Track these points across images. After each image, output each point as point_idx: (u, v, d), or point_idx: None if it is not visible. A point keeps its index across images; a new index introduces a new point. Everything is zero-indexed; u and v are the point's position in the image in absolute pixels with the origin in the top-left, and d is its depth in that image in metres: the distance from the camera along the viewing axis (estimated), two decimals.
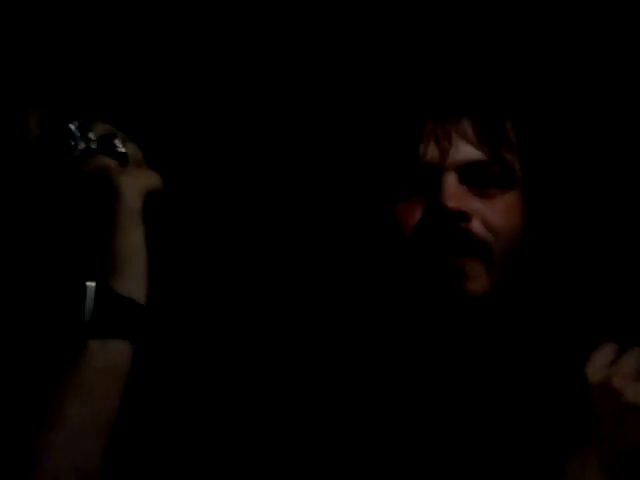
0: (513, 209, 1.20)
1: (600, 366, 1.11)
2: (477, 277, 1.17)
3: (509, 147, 1.20)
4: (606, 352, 1.11)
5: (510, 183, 1.20)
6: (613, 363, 1.10)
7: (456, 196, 1.17)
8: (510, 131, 1.22)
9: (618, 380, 1.09)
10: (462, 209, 1.16)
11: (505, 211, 1.19)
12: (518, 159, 1.21)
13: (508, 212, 1.19)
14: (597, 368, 1.10)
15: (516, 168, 1.21)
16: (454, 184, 1.17)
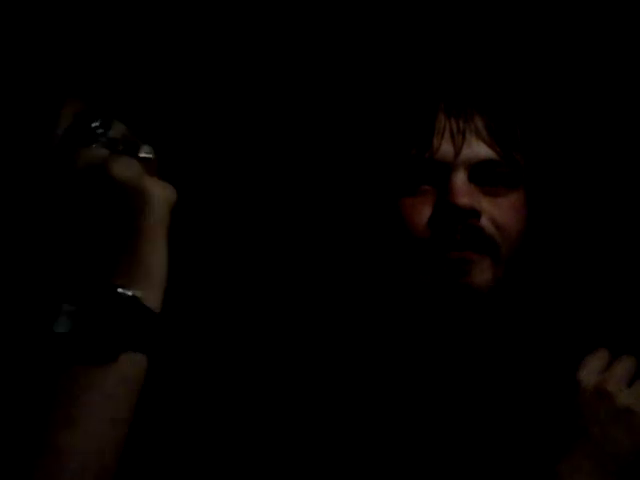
0: (518, 208, 1.21)
1: (594, 370, 1.13)
2: (483, 271, 1.19)
3: (518, 147, 1.22)
4: (600, 357, 1.14)
5: (516, 183, 1.22)
6: (606, 369, 1.14)
7: (467, 193, 1.18)
8: (518, 131, 1.23)
9: (611, 385, 1.12)
10: (473, 206, 1.18)
11: (511, 210, 1.21)
12: (524, 159, 1.22)
13: (514, 211, 1.21)
14: (591, 372, 1.13)
15: (522, 168, 1.22)
16: (465, 181, 1.19)
